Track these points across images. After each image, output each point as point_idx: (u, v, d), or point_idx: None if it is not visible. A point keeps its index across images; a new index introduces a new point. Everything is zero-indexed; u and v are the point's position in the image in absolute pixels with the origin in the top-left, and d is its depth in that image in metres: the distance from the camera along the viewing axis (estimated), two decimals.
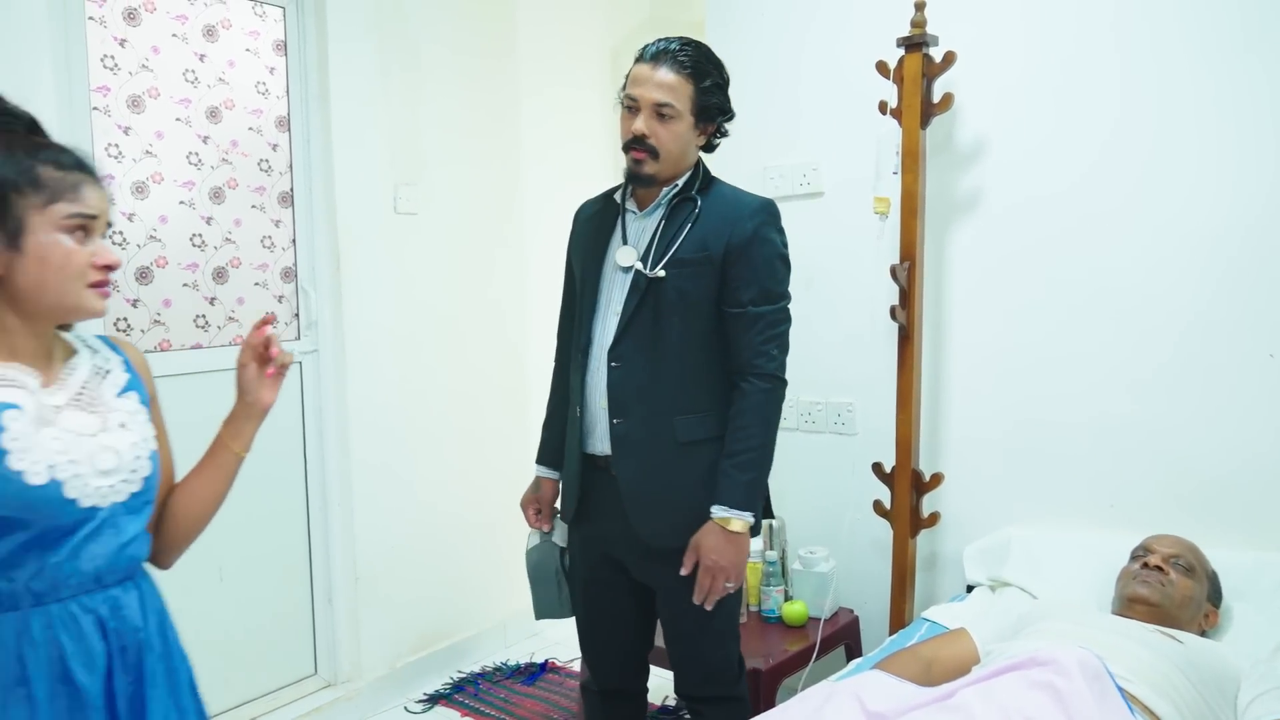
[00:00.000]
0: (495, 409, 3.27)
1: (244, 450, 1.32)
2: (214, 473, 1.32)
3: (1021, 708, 1.48)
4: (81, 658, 1.13)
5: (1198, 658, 1.69)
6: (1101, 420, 2.25)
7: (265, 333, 1.30)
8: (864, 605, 2.61)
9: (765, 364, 1.79)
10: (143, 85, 2.41)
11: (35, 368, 1.15)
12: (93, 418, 1.17)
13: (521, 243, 3.35)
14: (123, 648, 1.18)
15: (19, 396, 1.11)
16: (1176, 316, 2.15)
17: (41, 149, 1.14)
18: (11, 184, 1.10)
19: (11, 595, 1.10)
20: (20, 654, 1.10)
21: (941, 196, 2.42)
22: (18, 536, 1.09)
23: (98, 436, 1.16)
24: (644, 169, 1.79)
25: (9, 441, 1.08)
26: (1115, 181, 2.20)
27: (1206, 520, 2.10)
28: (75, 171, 1.15)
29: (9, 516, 1.08)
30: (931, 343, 2.46)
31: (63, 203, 1.12)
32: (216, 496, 1.33)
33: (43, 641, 1.11)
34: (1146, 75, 2.15)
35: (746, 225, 1.79)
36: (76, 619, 1.14)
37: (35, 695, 1.10)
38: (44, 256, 1.12)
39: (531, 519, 2.06)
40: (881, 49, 2.37)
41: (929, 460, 2.47)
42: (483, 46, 3.19)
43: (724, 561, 1.76)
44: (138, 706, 1.19)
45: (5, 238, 1.10)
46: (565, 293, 2.07)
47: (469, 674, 3.12)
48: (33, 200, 1.11)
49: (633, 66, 1.82)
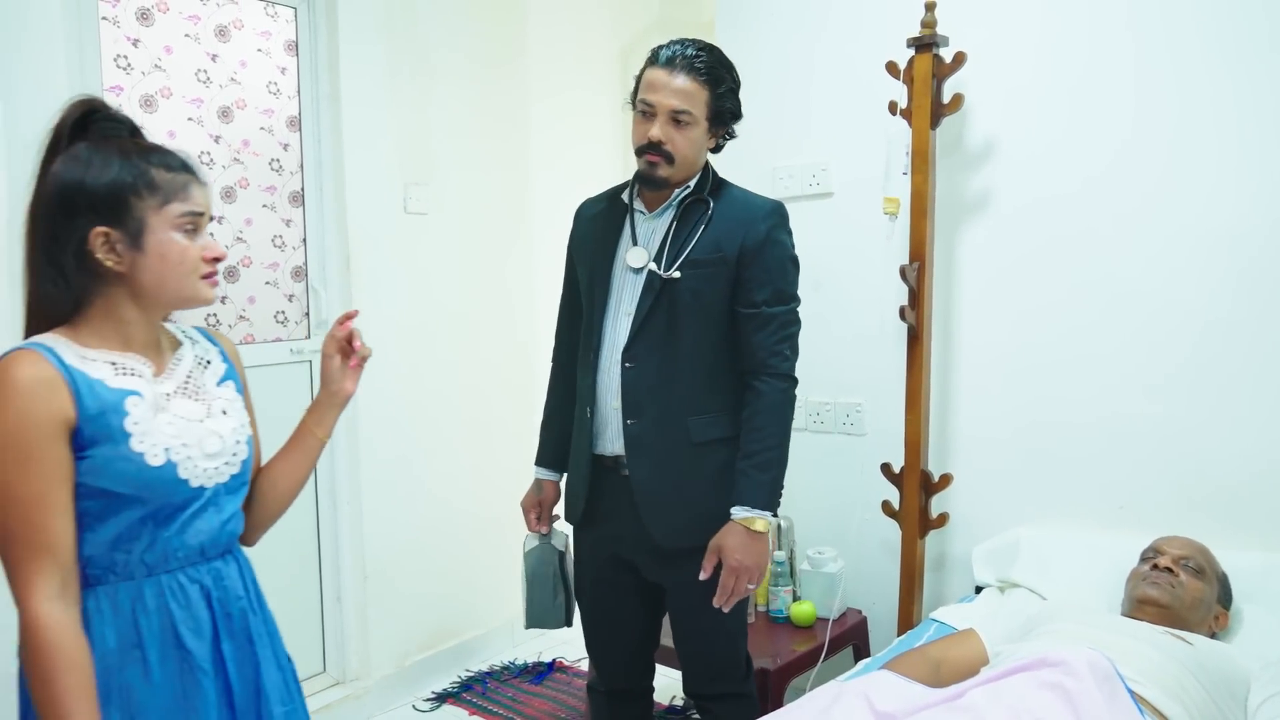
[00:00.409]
0: (504, 408, 3.27)
1: (326, 435, 1.43)
2: (299, 456, 1.42)
3: (1031, 708, 1.47)
4: (189, 623, 1.24)
5: (1208, 660, 1.68)
6: (1112, 422, 2.24)
7: (349, 327, 1.40)
8: (872, 606, 2.61)
9: (780, 364, 1.81)
10: (155, 85, 2.42)
11: (147, 357, 1.25)
12: (198, 405, 1.27)
13: (531, 242, 3.35)
14: (227, 615, 1.28)
15: (139, 384, 1.21)
16: (1191, 318, 2.14)
17: (150, 153, 1.22)
18: (131, 188, 1.18)
19: (127, 566, 1.20)
20: (135, 620, 1.20)
21: (951, 197, 2.42)
22: (135, 512, 1.19)
23: (204, 422, 1.26)
24: (658, 173, 1.79)
25: (131, 425, 1.18)
26: (1131, 183, 2.19)
27: (1217, 522, 2.09)
28: (182, 173, 1.23)
29: (128, 494, 1.18)
30: (941, 343, 2.46)
31: (175, 203, 1.21)
32: (300, 479, 1.43)
33: (155, 609, 1.22)
34: (1163, 75, 2.14)
35: (760, 227, 1.81)
36: (184, 588, 1.24)
37: (149, 658, 1.20)
38: (163, 253, 1.20)
39: (532, 522, 2.04)
40: (891, 49, 2.37)
41: (938, 461, 2.47)
42: (492, 46, 3.20)
43: (749, 562, 1.76)
44: (248, 668, 1.30)
45: (129, 238, 1.19)
46: (565, 293, 2.05)
47: (477, 673, 3.12)
48: (150, 202, 1.19)
49: (646, 69, 1.81)
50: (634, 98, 1.83)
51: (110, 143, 1.20)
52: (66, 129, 1.20)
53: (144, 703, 1.20)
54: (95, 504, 1.17)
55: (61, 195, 1.17)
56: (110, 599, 1.20)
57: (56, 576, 1.13)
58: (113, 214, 1.17)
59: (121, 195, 1.17)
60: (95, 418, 1.16)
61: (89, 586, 1.19)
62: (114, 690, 1.18)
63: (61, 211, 1.17)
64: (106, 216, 1.17)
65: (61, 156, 1.19)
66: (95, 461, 1.16)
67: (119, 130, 1.24)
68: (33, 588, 1.12)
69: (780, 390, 1.81)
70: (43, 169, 1.20)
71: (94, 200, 1.17)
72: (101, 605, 1.19)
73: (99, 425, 1.16)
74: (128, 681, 1.19)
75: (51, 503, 1.13)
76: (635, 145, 1.81)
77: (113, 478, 1.17)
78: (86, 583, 1.19)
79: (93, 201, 1.17)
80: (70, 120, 1.21)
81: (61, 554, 1.14)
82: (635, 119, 1.82)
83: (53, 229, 1.17)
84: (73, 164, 1.18)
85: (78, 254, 1.17)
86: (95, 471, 1.16)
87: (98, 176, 1.17)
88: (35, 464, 1.12)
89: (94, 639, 1.17)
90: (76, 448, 1.15)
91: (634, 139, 1.81)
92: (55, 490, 1.13)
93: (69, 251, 1.17)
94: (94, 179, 1.17)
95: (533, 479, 2.06)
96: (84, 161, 1.18)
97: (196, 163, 1.27)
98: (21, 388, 1.12)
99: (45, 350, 1.16)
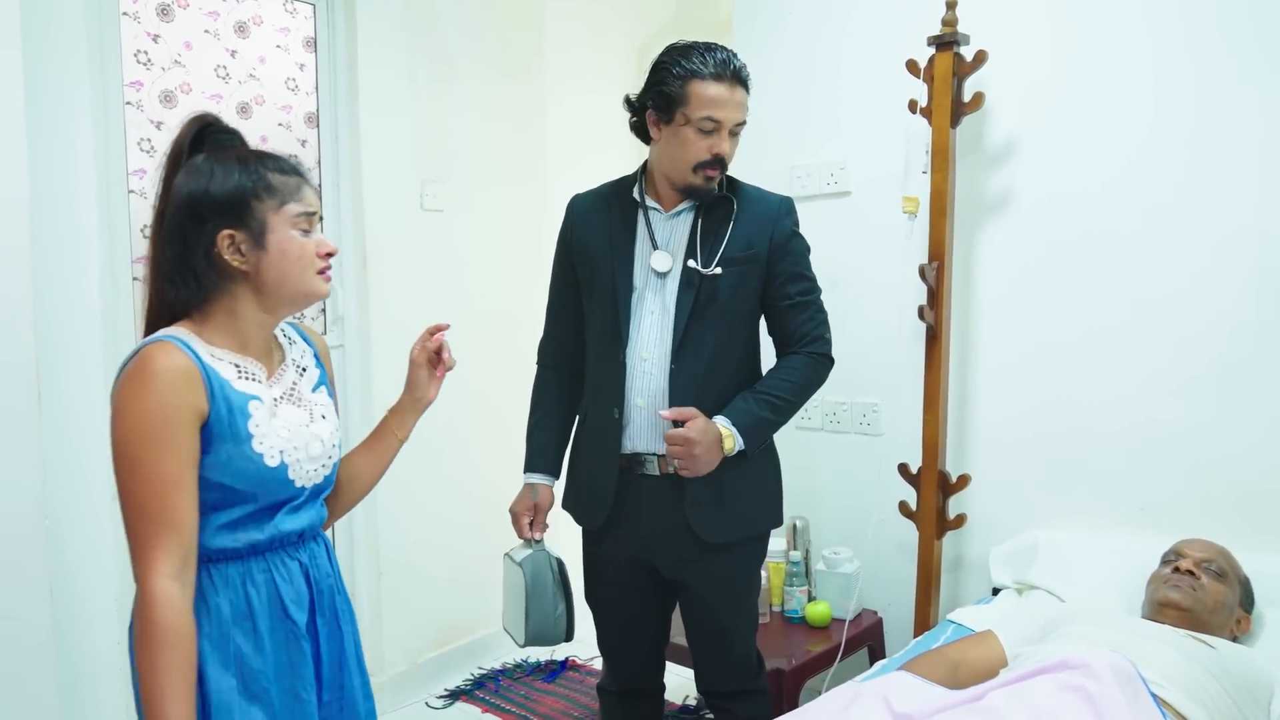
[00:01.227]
0: (520, 405, 3.24)
1: (405, 436, 1.53)
2: (378, 454, 1.53)
3: (1052, 711, 1.46)
4: (293, 596, 1.33)
5: (1230, 663, 1.67)
6: (1133, 424, 2.22)
7: (441, 339, 1.51)
8: (888, 607, 2.59)
9: (822, 345, 1.88)
10: (175, 80, 2.43)
11: (261, 362, 1.33)
12: (302, 411, 1.36)
13: (548, 238, 3.33)
14: (320, 591, 1.37)
15: (258, 389, 1.30)
16: (1214, 320, 2.12)
17: (264, 158, 1.31)
18: (251, 192, 1.27)
19: (236, 549, 1.29)
20: (246, 593, 1.29)
21: (971, 196, 2.40)
22: (248, 507, 1.28)
23: (309, 427, 1.35)
24: (713, 184, 1.81)
25: (253, 427, 1.27)
26: (1154, 183, 2.17)
27: (1239, 525, 2.07)
28: (294, 175, 1.32)
29: (244, 490, 1.27)
30: (959, 343, 2.44)
31: (291, 203, 1.30)
32: (378, 474, 1.54)
33: (263, 583, 1.31)
34: (1185, 73, 2.12)
35: (785, 223, 1.86)
36: (286, 564, 1.34)
37: (259, 627, 1.29)
38: (284, 250, 1.29)
39: (524, 529, 1.93)
40: (911, 48, 2.36)
41: (955, 461, 2.46)
42: (509, 44, 3.20)
43: (697, 450, 1.73)
44: (335, 641, 1.40)
45: (252, 238, 1.27)
46: (557, 293, 2.00)
47: (490, 670, 3.12)
48: (269, 204, 1.28)
49: (697, 83, 1.73)
50: (665, 103, 1.75)
51: (227, 152, 1.30)
52: (185, 145, 1.30)
53: (256, 668, 1.28)
54: (212, 495, 1.25)
55: (190, 204, 1.26)
56: (222, 574, 1.28)
57: (179, 555, 1.19)
58: (237, 217, 1.26)
59: (244, 199, 1.26)
60: (224, 416, 1.24)
61: (201, 564, 1.26)
62: (230, 657, 1.26)
63: (190, 219, 1.25)
64: (231, 220, 1.26)
65: (184, 169, 1.28)
66: (219, 458, 1.24)
67: (231, 140, 1.33)
68: (157, 564, 1.18)
69: (817, 358, 1.87)
70: (165, 183, 1.29)
71: (219, 205, 1.25)
72: (214, 579, 1.27)
73: (226, 424, 1.24)
74: (241, 649, 1.27)
75: (183, 485, 1.20)
76: (694, 160, 1.76)
77: (234, 474, 1.26)
78: (201, 560, 1.26)
79: (218, 207, 1.25)
80: (188, 137, 1.30)
81: (186, 534, 1.21)
82: (690, 134, 1.75)
83: (183, 235, 1.26)
84: (196, 175, 1.27)
85: (207, 256, 1.26)
86: (218, 467, 1.24)
87: (221, 184, 1.26)
88: (173, 447, 1.19)
89: (210, 609, 1.26)
90: (202, 440, 1.23)
91: (691, 154, 1.75)
92: (187, 474, 1.21)
93: (199, 254, 1.26)
94: (217, 187, 1.26)
95: (523, 485, 1.98)
96: (207, 172, 1.26)
97: (305, 165, 1.36)
98: (165, 376, 1.20)
99: (182, 344, 1.24)
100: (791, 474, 2.05)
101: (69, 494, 2.12)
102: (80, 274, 2.16)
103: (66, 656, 2.04)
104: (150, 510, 1.18)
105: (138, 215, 2.38)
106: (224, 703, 1.25)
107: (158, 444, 1.18)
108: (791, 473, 2.05)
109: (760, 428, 1.82)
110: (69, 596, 2.08)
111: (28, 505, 1.83)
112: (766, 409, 1.81)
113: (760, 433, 1.83)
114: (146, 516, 1.18)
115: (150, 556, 1.18)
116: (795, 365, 1.86)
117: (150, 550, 1.18)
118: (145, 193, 2.39)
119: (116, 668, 2.23)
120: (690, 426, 1.74)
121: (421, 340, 1.52)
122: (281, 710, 1.31)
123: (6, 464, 1.80)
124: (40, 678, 1.87)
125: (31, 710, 1.86)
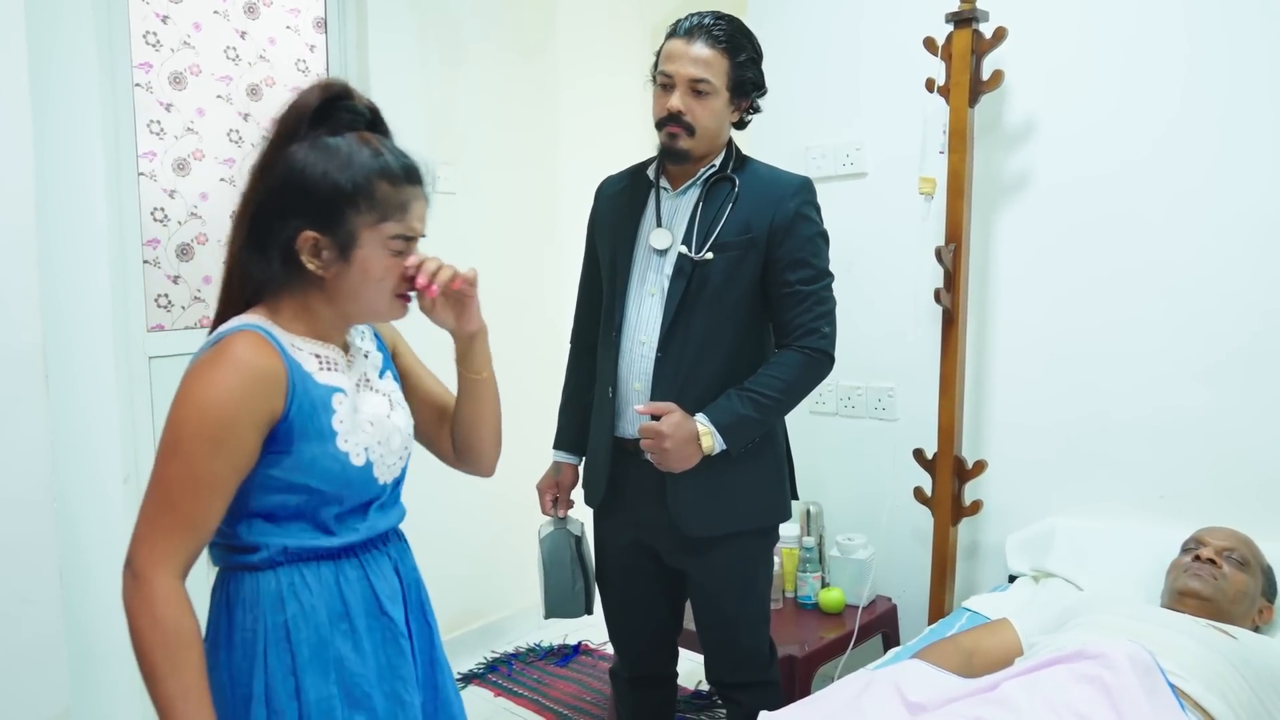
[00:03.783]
0: (532, 388, 3.24)
1: (480, 372, 1.35)
2: (469, 400, 1.36)
3: (1068, 701, 1.44)
4: (388, 592, 1.26)
5: (1252, 654, 1.63)
6: (1154, 410, 2.18)
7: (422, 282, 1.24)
8: (903, 594, 2.57)
9: (818, 340, 1.76)
10: (184, 62, 2.42)
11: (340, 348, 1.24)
12: (381, 399, 1.26)
13: (560, 220, 3.33)
14: (408, 586, 1.30)
15: (341, 380, 1.20)
16: (1236, 305, 2.06)
17: (383, 159, 1.17)
18: (349, 200, 1.14)
19: (329, 550, 1.21)
20: (341, 594, 1.21)
21: (989, 177, 2.35)
22: (333, 509, 1.20)
23: (390, 418, 1.26)
24: (679, 144, 1.75)
25: (337, 424, 1.18)
26: (1180, 164, 2.11)
27: (1262, 513, 2.03)
28: (407, 186, 1.18)
29: (329, 492, 1.18)
30: (976, 327, 2.40)
31: (391, 222, 1.17)
32: (483, 415, 1.37)
33: (356, 580, 1.23)
34: (1215, 49, 2.06)
35: (789, 205, 1.77)
36: (378, 560, 1.26)
37: (356, 627, 1.21)
38: (366, 269, 1.17)
39: (547, 505, 1.99)
40: (929, 25, 2.31)
41: (971, 447, 2.42)
42: (522, 24, 3.17)
43: (668, 445, 1.69)
44: (426, 639, 1.32)
45: (337, 247, 1.15)
46: (585, 272, 2.02)
47: (502, 654, 3.13)
48: (366, 217, 1.15)
49: (665, 42, 1.78)
50: (654, 72, 1.79)
51: (345, 140, 1.16)
52: (308, 114, 1.15)
53: (357, 672, 1.21)
54: (295, 498, 1.17)
55: (284, 190, 1.14)
56: (315, 574, 1.19)
57: (189, 558, 1.12)
58: (326, 221, 1.14)
59: (338, 205, 1.14)
60: (306, 414, 1.15)
61: (294, 564, 1.18)
62: (330, 663, 1.19)
63: (278, 206, 1.15)
64: (319, 222, 1.14)
65: (295, 146, 1.15)
66: (301, 459, 1.15)
67: (358, 122, 1.19)
68: (167, 560, 1.09)
69: (809, 356, 1.76)
70: (272, 151, 1.16)
71: (311, 204, 1.14)
72: (309, 580, 1.19)
73: (308, 422, 1.15)
74: (340, 654, 1.20)
75: (221, 490, 1.12)
76: (655, 118, 1.77)
77: (319, 476, 1.17)
78: (291, 560, 1.18)
79: (310, 204, 1.14)
80: (312, 104, 1.16)
81: (203, 537, 1.13)
82: (655, 92, 1.78)
83: (267, 219, 1.15)
84: (301, 160, 1.14)
85: (285, 249, 1.15)
86: (301, 469, 1.15)
87: (320, 181, 1.13)
88: (226, 449, 1.10)
89: (306, 612, 1.17)
90: (277, 440, 1.14)
91: (654, 112, 1.78)
92: (231, 479, 1.12)
93: (277, 244, 1.15)
94: (315, 183, 1.13)
95: (550, 462, 2.03)
96: (312, 161, 1.14)
97: (429, 174, 1.23)
98: (242, 372, 1.10)
99: (269, 335, 1.14)
100: (805, 459, 2.02)
101: (80, 478, 2.12)
102: (90, 257, 2.16)
103: (78, 641, 2.05)
104: (180, 504, 1.10)
105: (147, 197, 2.37)
106: (327, 711, 1.17)
107: (211, 442, 1.09)
108: (805, 458, 2.03)
109: (742, 427, 1.73)
110: (81, 581, 2.08)
111: (36, 490, 1.83)
112: (750, 407, 1.72)
113: (742, 432, 1.74)
114: (173, 508, 1.10)
115: (162, 550, 1.09)
116: (787, 362, 1.76)
117: (164, 544, 1.10)
118: (155, 175, 2.38)
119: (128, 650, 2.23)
120: (664, 421, 1.69)
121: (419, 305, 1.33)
122: (385, 716, 1.22)
123: (14, 448, 1.80)
124: (51, 662, 1.87)
125: (42, 694, 1.86)
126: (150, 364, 2.37)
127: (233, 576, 1.19)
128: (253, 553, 1.17)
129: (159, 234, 2.40)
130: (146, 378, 2.36)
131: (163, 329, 2.41)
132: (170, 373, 2.36)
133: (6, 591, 1.81)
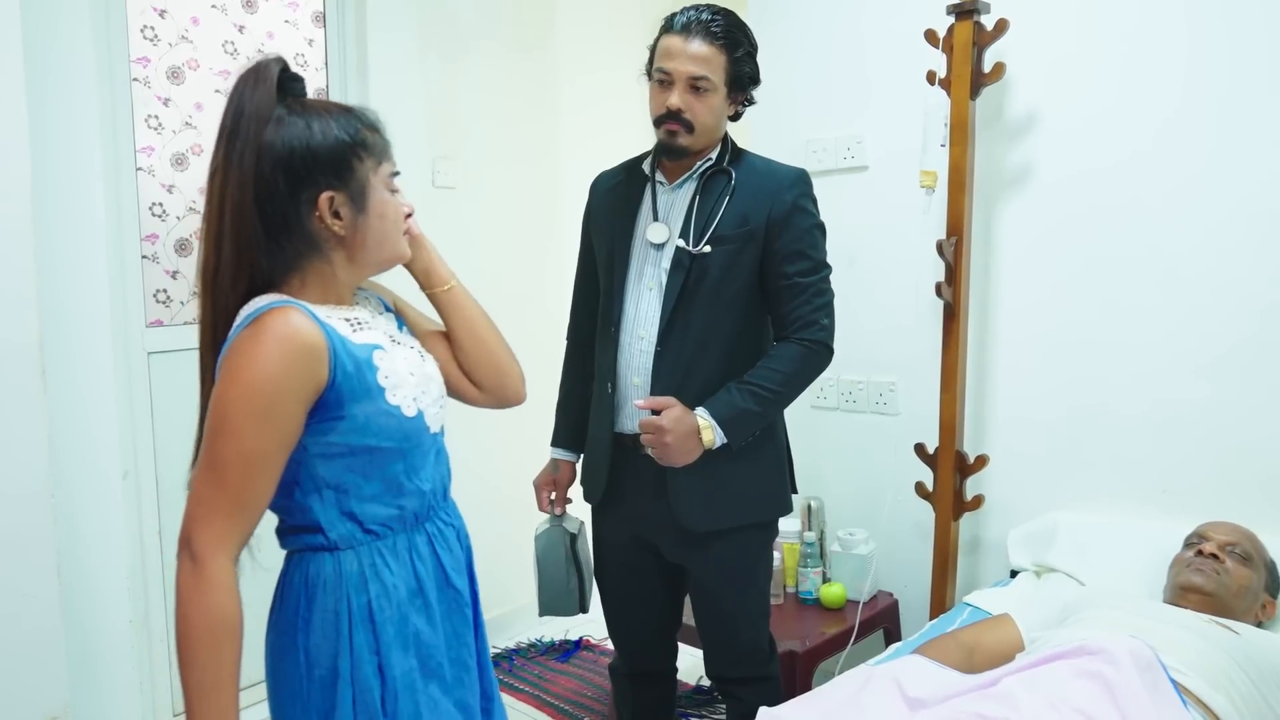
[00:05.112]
0: (532, 383, 3.23)
1: (447, 281, 1.37)
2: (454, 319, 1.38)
3: (1069, 698, 1.43)
4: (453, 564, 1.29)
5: (1255, 650, 1.62)
6: (1156, 404, 2.17)
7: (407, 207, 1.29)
8: (904, 589, 2.56)
9: (816, 332, 1.75)
10: (182, 56, 2.41)
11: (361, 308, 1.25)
12: (411, 351, 1.27)
13: (561, 214, 3.32)
14: (465, 550, 1.34)
15: (376, 336, 1.21)
16: (1241, 299, 2.05)
17: (349, 112, 1.20)
18: (352, 150, 1.17)
19: (401, 520, 1.23)
20: (414, 569, 1.24)
21: (991, 170, 2.34)
22: (398, 466, 1.21)
23: (424, 367, 1.27)
24: (678, 142, 1.74)
25: (383, 379, 1.18)
26: (1181, 156, 2.09)
27: (1265, 507, 2.02)
28: (380, 132, 1.22)
29: (390, 448, 1.19)
30: (978, 321, 2.39)
31: (385, 162, 1.22)
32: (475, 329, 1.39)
33: (427, 554, 1.26)
34: (1216, 41, 2.04)
35: (786, 197, 1.76)
36: (444, 533, 1.29)
37: (429, 600, 1.24)
38: (382, 213, 1.21)
39: (544, 502, 1.98)
40: (930, 17, 2.30)
41: (973, 442, 2.41)
42: (523, 19, 3.15)
43: (669, 439, 1.68)
44: (475, 600, 1.34)
45: (353, 202, 1.17)
46: (581, 268, 2.00)
47: (503, 650, 3.12)
48: (368, 163, 1.19)
49: (660, 37, 1.76)
50: (649, 67, 1.77)
51: (313, 104, 1.17)
52: (275, 93, 1.14)
53: (430, 644, 1.24)
54: (359, 460, 1.18)
55: (289, 166, 1.13)
56: (393, 550, 1.22)
57: (243, 539, 1.11)
58: (339, 177, 1.16)
59: (347, 159, 1.16)
60: (352, 376, 1.15)
61: (376, 540, 1.20)
62: (409, 638, 1.21)
63: (287, 180, 1.13)
64: (333, 180, 1.15)
65: (272, 124, 1.13)
66: (356, 420, 1.16)
67: (301, 90, 1.20)
68: (223, 543, 1.09)
69: (809, 348, 1.74)
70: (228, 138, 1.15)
71: (322, 166, 1.14)
72: (388, 559, 1.21)
73: (356, 383, 1.15)
74: (417, 627, 1.22)
75: (270, 466, 1.12)
76: (654, 115, 1.75)
77: (377, 433, 1.17)
78: (374, 537, 1.20)
79: (321, 167, 1.14)
80: (274, 83, 1.15)
81: (255, 516, 1.12)
82: (652, 89, 1.76)
83: (276, 198, 1.13)
84: (291, 130, 1.14)
85: (305, 219, 1.15)
86: (358, 430, 1.16)
87: (324, 142, 1.14)
88: (274, 423, 1.10)
89: (388, 591, 1.19)
90: (328, 408, 1.14)
91: (652, 109, 1.76)
92: (280, 455, 1.12)
93: (297, 219, 1.15)
94: (320, 145, 1.14)
95: (548, 459, 2.01)
96: (302, 127, 1.14)
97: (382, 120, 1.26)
98: (285, 345, 1.10)
99: (304, 307, 1.14)
100: (806, 454, 2.02)
101: (79, 473, 2.12)
102: (88, 252, 2.15)
103: (76, 636, 2.05)
104: (232, 483, 1.09)
105: (145, 192, 2.36)
106: (408, 685, 1.19)
107: (259, 417, 1.08)
108: (806, 453, 2.02)
109: (742, 420, 1.72)
110: (79, 575, 2.08)
111: (34, 484, 1.83)
112: (750, 400, 1.71)
113: (743, 425, 1.73)
114: (225, 487, 1.09)
115: (219, 531, 1.08)
116: (786, 354, 1.74)
117: (220, 524, 1.08)
118: (153, 170, 2.37)
119: (128, 646, 2.24)
120: (664, 415, 1.68)
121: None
122: (453, 682, 1.26)
123: (12, 444, 1.80)
124: (49, 657, 1.88)
125: (41, 689, 1.87)
126: (149, 359, 2.36)
127: (311, 558, 1.20)
128: (330, 531, 1.18)
129: (157, 229, 2.40)
130: (145, 373, 2.35)
131: (161, 324, 2.40)
132: (169, 368, 2.36)
133: (5, 586, 1.81)
